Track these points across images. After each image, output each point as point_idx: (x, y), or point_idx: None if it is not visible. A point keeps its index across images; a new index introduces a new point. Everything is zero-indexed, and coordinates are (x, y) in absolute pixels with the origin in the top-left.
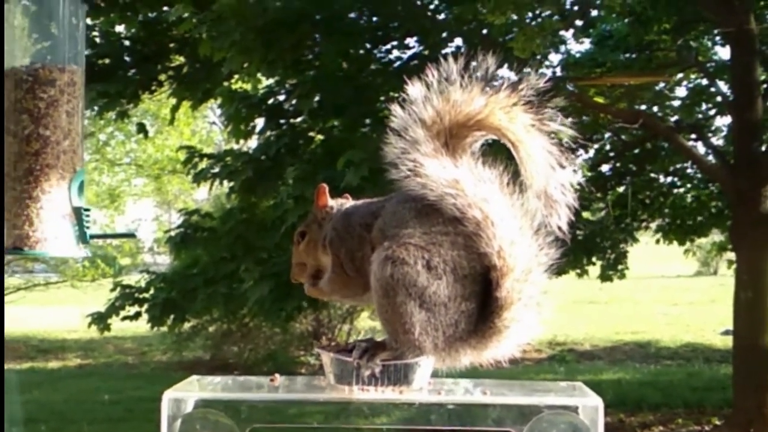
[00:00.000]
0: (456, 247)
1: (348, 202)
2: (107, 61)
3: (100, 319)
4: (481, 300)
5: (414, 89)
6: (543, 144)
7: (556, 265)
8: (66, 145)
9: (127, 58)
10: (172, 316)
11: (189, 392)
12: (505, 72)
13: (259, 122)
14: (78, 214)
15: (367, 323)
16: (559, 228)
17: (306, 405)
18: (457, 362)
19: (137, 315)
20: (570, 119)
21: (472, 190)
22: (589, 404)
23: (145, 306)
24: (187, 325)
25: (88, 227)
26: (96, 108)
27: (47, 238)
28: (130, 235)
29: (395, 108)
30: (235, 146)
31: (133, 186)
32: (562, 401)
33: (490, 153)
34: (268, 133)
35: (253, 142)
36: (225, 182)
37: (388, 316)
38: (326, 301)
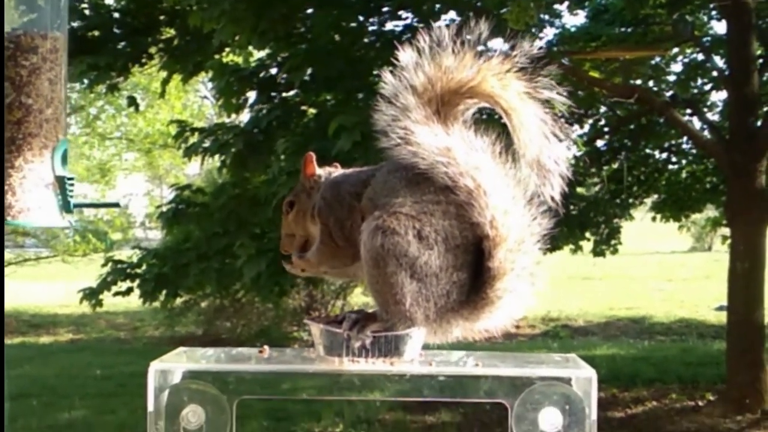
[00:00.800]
0: (448, 216)
1: (337, 171)
2: (97, 33)
3: (92, 295)
4: (474, 270)
5: (405, 55)
6: (536, 112)
7: (549, 236)
8: (49, 114)
9: (117, 31)
10: (164, 292)
11: (176, 363)
12: (498, 43)
13: (251, 96)
14: (61, 183)
15: (361, 299)
16: (552, 198)
17: (295, 377)
18: (448, 333)
19: (129, 290)
20: (564, 88)
21: (464, 159)
22: (583, 376)
23: (137, 281)
24: (179, 301)
25: (71, 196)
26: (86, 81)
27: (30, 207)
28: (114, 205)
29: (386, 75)
30: (227, 120)
31: (124, 160)
32: (555, 373)
33: (482, 121)
34: (260, 106)
35: (244, 116)
36: (216, 156)
37: (378, 287)
38: (314, 276)
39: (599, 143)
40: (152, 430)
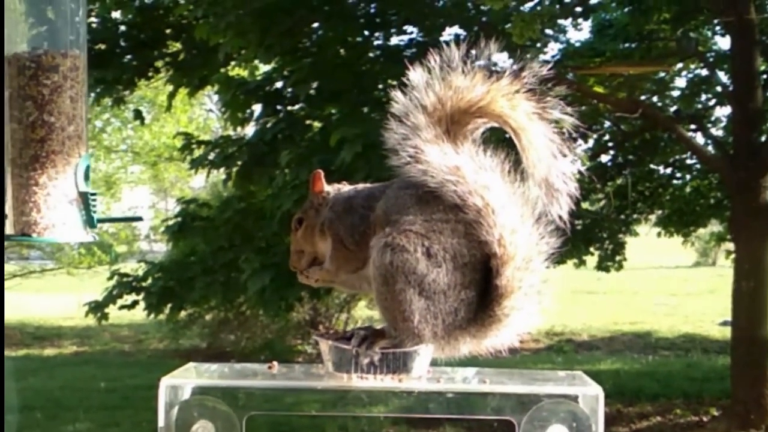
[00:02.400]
0: (456, 234)
1: (346, 187)
2: (103, 47)
3: (98, 308)
4: (482, 288)
5: (416, 75)
6: (545, 132)
7: (557, 254)
8: (71, 131)
9: (123, 44)
10: (169, 305)
11: (186, 379)
12: (504, 59)
13: (257, 109)
14: (85, 198)
15: (365, 312)
16: (560, 217)
17: (304, 393)
18: (456, 351)
19: (135, 303)
20: (571, 108)
21: (473, 178)
22: (590, 393)
23: (143, 295)
24: (183, 314)
25: (95, 211)
26: (92, 94)
27: (55, 224)
28: (137, 219)
29: (396, 93)
30: (232, 133)
31: (130, 173)
32: (562, 390)
33: (491, 140)
34: (265, 119)
35: (250, 130)
36: (222, 169)
37: (387, 304)
38: (328, 287)
39: (604, 158)
40: None
